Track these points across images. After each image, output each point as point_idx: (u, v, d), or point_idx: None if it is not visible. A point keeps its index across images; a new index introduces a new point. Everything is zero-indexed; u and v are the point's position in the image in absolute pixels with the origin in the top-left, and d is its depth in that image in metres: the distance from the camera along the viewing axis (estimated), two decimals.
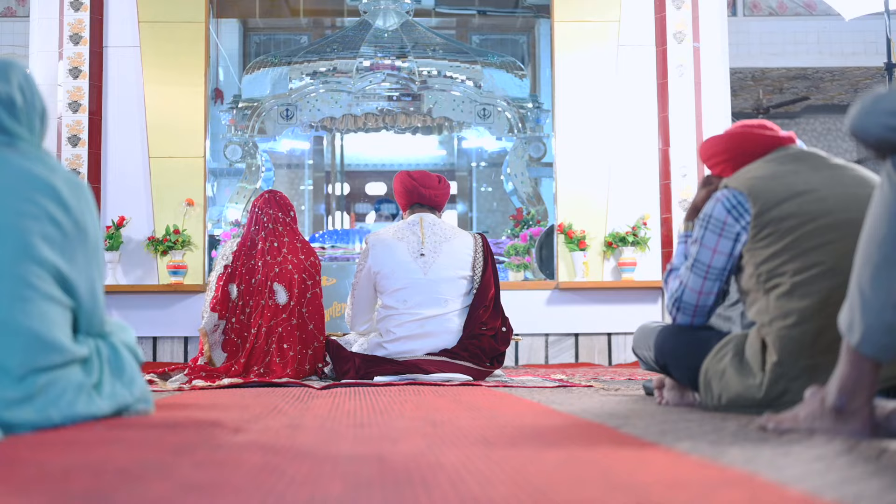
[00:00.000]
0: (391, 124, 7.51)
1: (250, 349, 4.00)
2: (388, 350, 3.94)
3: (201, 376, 3.89)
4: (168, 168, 6.12)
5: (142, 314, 5.97)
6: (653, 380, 2.74)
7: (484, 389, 3.31)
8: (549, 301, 6.08)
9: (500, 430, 1.72)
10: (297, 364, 3.99)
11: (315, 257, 4.21)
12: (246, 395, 3.05)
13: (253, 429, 1.79)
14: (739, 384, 2.17)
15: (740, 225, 2.26)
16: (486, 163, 9.12)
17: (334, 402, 2.61)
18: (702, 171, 6.14)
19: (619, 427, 1.79)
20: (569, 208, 6.13)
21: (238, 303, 4.11)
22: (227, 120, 7.25)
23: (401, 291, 3.95)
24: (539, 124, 7.28)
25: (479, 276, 4.05)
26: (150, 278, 6.06)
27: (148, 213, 6.08)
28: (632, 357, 6.09)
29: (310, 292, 4.11)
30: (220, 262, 4.21)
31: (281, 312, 4.05)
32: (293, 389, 3.38)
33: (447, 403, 2.50)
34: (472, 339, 3.96)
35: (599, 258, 6.10)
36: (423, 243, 4.04)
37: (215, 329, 4.09)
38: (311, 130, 7.68)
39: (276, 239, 4.20)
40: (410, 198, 4.16)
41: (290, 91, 7.23)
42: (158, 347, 6.02)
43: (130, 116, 6.15)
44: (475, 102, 7.28)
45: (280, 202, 4.29)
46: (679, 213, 6.12)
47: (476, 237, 4.14)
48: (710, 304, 2.37)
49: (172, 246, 5.95)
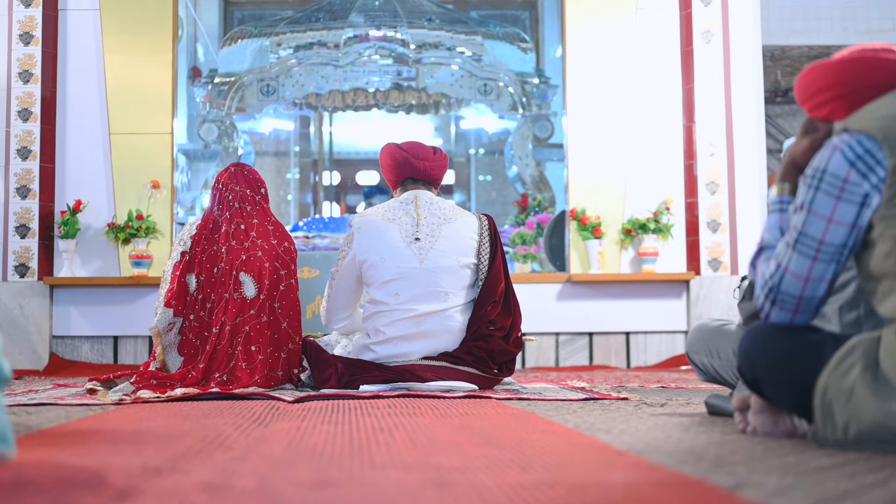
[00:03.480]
0: (383, 102, 6.86)
1: (211, 352, 3.35)
2: (376, 353, 3.32)
3: (150, 385, 3.24)
4: (131, 146, 5.51)
5: (101, 310, 5.40)
6: (728, 398, 2.08)
7: (495, 405, 2.65)
8: (559, 296, 5.48)
9: (545, 495, 1.05)
10: (267, 370, 3.34)
11: (290, 242, 3.56)
12: (193, 413, 2.39)
13: (151, 490, 1.12)
14: (877, 410, 1.51)
15: (869, 183, 1.60)
16: (486, 148, 8.46)
17: (300, 430, 1.94)
18: (733, 150, 5.50)
19: (735, 489, 1.12)
20: (582, 192, 5.51)
21: (197, 296, 3.45)
22: (202, 96, 6.57)
23: (392, 283, 3.32)
24: (546, 101, 6.67)
25: (487, 264, 3.40)
26: (111, 270, 5.46)
27: (108, 197, 5.49)
28: (653, 359, 5.46)
29: (283, 284, 3.46)
30: (177, 249, 3.55)
31: (248, 308, 3.40)
32: (258, 404, 2.74)
33: (454, 434, 1.83)
34: (478, 340, 3.33)
35: (616, 247, 5.53)
36: (418, 225, 3.39)
37: (170, 328, 3.43)
38: (294, 109, 7.01)
39: (244, 221, 3.54)
40: (401, 172, 3.51)
41: (271, 65, 6.63)
42: (120, 348, 5.40)
43: (89, 88, 5.53)
44: (475, 77, 6.66)
45: (248, 177, 3.63)
46: (706, 196, 5.47)
47: (482, 218, 3.50)
48: (821, 296, 1.70)
49: (135, 233, 5.36)
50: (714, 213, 5.50)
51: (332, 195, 9.09)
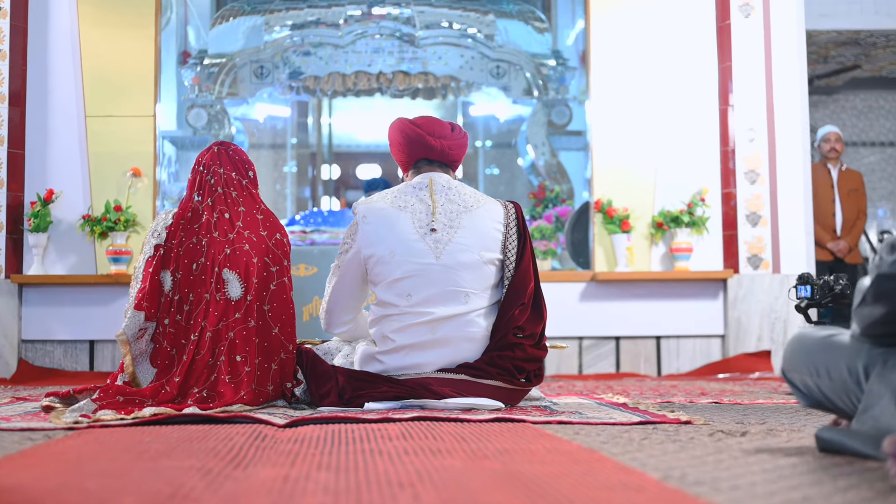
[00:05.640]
0: (386, 86, 6.37)
1: (189, 363, 2.86)
2: (384, 364, 2.86)
3: (115, 403, 2.76)
4: (109, 130, 5.06)
5: (76, 312, 5.01)
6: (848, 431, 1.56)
7: (536, 434, 2.16)
8: (583, 296, 5.10)
9: None
10: (254, 384, 2.86)
11: (282, 233, 3.08)
12: (154, 448, 1.90)
13: None
14: None
15: None
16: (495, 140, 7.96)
17: (288, 482, 1.42)
18: (775, 135, 5.01)
19: None
20: (607, 182, 5.10)
21: (174, 297, 2.97)
22: (191, 79, 6.08)
23: (403, 282, 2.84)
24: (563, 84, 6.24)
25: (515, 261, 2.94)
26: (86, 267, 5.02)
27: (83, 186, 5.06)
28: (686, 366, 4.98)
29: (274, 282, 2.98)
30: (150, 241, 3.07)
31: (233, 310, 2.91)
32: (241, 430, 2.24)
33: (503, 491, 1.31)
34: (504, 349, 2.86)
35: (646, 243, 5.15)
36: (434, 214, 2.91)
37: (141, 334, 2.95)
38: (291, 93, 6.55)
39: (228, 208, 3.05)
40: (413, 151, 3.02)
41: (265, 45, 6.22)
42: (97, 354, 5.01)
43: (63, 65, 5.14)
44: (487, 59, 6.23)
45: (234, 157, 3.14)
46: (745, 186, 4.99)
47: (508, 205, 3.02)
48: None
49: (113, 226, 4.96)
50: (754, 205, 5.12)
51: (332, 190, 8.71)
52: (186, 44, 6.91)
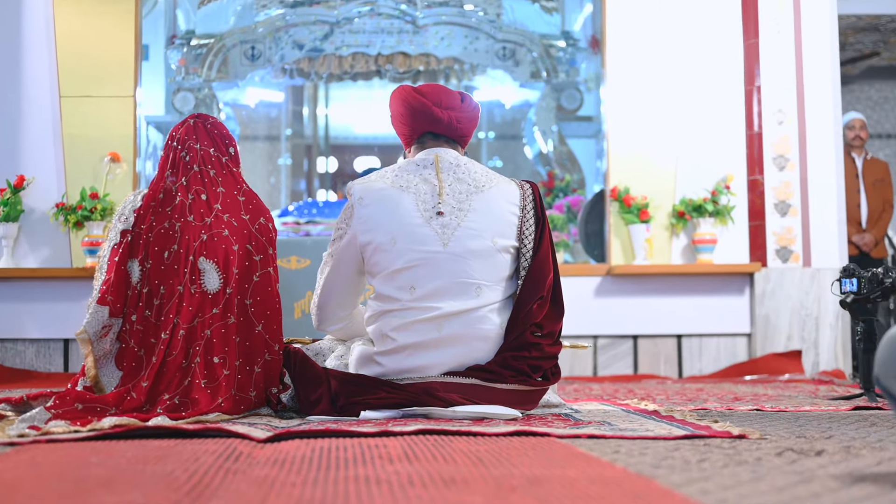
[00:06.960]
0: (385, 68, 6.15)
1: (159, 365, 2.54)
2: (383, 367, 2.58)
3: (73, 412, 2.46)
4: (85, 111, 4.87)
5: (49, 308, 4.87)
6: None
7: (567, 452, 1.82)
8: (598, 291, 4.96)
9: None
10: (235, 390, 2.54)
11: (267, 217, 2.78)
12: (97, 473, 1.59)
13: None
14: None
15: None
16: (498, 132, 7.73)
17: None
18: (804, 118, 4.71)
19: None
20: (624, 169, 4.99)
21: (142, 290, 2.65)
22: (177, 60, 5.81)
23: (406, 273, 2.56)
24: (574, 67, 6.04)
25: (532, 248, 2.68)
26: (60, 259, 4.86)
27: (57, 172, 4.84)
28: (709, 367, 4.74)
29: (258, 273, 2.67)
30: (116, 227, 2.78)
31: (211, 305, 2.59)
32: (213, 444, 1.91)
33: None
34: (520, 350, 2.58)
35: (666, 233, 5.00)
36: (440, 195, 2.62)
37: (105, 332, 2.64)
38: (284, 76, 6.33)
39: (206, 189, 2.74)
40: (417, 124, 2.73)
41: (257, 24, 6.00)
42: (71, 354, 4.95)
43: (35, 41, 4.92)
44: (492, 40, 6.05)
45: (212, 131, 2.83)
46: (774, 173, 4.71)
47: (524, 185, 2.77)
48: None
49: (89, 216, 4.81)
50: (783, 193, 4.93)
51: (329, 183, 8.57)
52: (175, 26, 6.69)
